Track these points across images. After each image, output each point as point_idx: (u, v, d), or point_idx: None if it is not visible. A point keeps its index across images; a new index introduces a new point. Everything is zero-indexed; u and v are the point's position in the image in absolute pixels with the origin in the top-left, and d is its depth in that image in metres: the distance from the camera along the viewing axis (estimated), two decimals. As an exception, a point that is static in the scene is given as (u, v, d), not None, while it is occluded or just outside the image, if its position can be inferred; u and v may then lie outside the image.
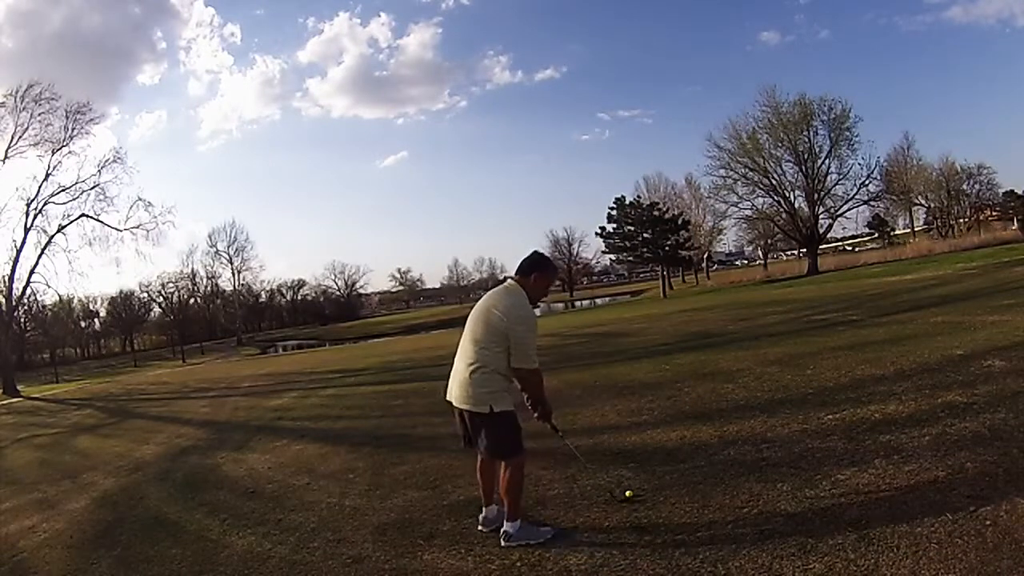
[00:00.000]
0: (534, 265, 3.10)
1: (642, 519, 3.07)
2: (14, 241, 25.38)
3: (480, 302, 3.15)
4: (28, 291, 27.20)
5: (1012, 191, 50.57)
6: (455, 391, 3.09)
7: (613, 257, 47.77)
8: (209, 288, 68.38)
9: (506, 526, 2.98)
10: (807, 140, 38.51)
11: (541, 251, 3.24)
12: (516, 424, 3.01)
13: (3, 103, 24.80)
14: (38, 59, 62.52)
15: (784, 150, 39.06)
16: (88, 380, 33.20)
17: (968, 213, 49.04)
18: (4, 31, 70.48)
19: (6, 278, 25.55)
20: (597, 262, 77.81)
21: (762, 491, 3.17)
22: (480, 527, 3.25)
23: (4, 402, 20.58)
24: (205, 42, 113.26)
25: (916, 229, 53.56)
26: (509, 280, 3.14)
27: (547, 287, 3.15)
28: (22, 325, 48.49)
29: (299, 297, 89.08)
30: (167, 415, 11.26)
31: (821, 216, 39.30)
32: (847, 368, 5.84)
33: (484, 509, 3.28)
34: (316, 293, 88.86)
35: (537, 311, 3.30)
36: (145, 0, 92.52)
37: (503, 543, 2.95)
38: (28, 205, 25.23)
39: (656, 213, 39.68)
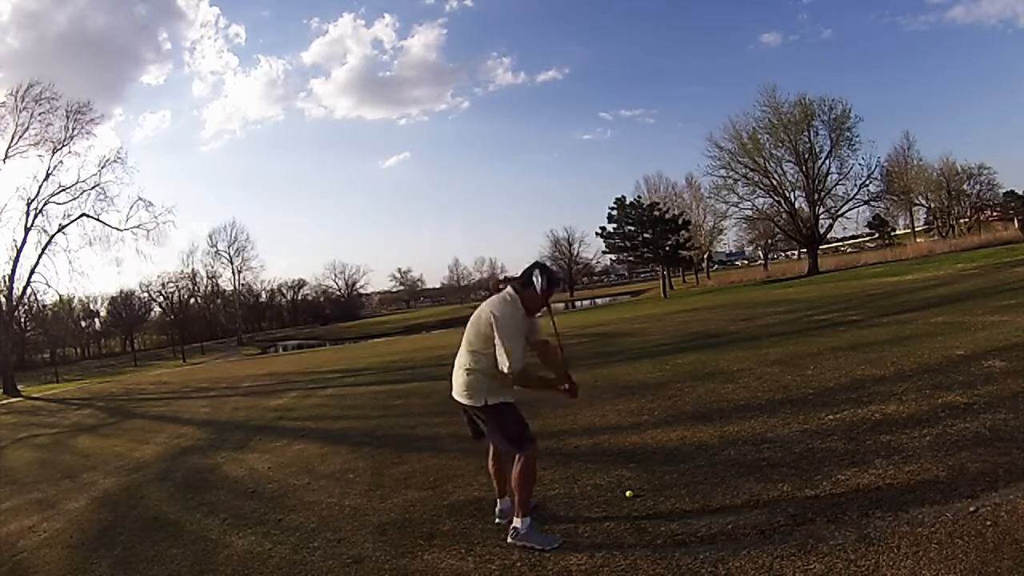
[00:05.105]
0: (529, 280, 3.07)
1: (642, 519, 3.08)
2: (14, 241, 25.46)
3: (478, 309, 3.24)
4: (28, 291, 27.23)
5: (1012, 191, 50.67)
6: (454, 387, 3.21)
7: (613, 257, 47.76)
8: (209, 288, 68.68)
9: (515, 522, 3.00)
10: (807, 140, 38.63)
11: (543, 262, 3.19)
12: (516, 416, 3.06)
13: (3, 103, 24.88)
14: (43, 59, 62.83)
15: (784, 150, 39.18)
16: (88, 380, 33.18)
17: (968, 213, 49.02)
18: (10, 32, 70.37)
19: (6, 278, 25.61)
20: (597, 262, 77.86)
21: (762, 491, 3.17)
22: (497, 519, 3.33)
23: (4, 402, 20.59)
24: (210, 43, 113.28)
25: (916, 229, 53.53)
26: (509, 288, 3.19)
27: (544, 300, 3.09)
28: (22, 325, 48.51)
29: (299, 297, 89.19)
30: (167, 415, 11.25)
31: (821, 216, 39.40)
32: (847, 368, 5.84)
33: (499, 501, 3.37)
34: (316, 293, 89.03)
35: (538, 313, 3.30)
36: (150, 1, 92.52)
37: (510, 539, 2.97)
38: (28, 205, 25.31)
39: (656, 213, 39.66)
